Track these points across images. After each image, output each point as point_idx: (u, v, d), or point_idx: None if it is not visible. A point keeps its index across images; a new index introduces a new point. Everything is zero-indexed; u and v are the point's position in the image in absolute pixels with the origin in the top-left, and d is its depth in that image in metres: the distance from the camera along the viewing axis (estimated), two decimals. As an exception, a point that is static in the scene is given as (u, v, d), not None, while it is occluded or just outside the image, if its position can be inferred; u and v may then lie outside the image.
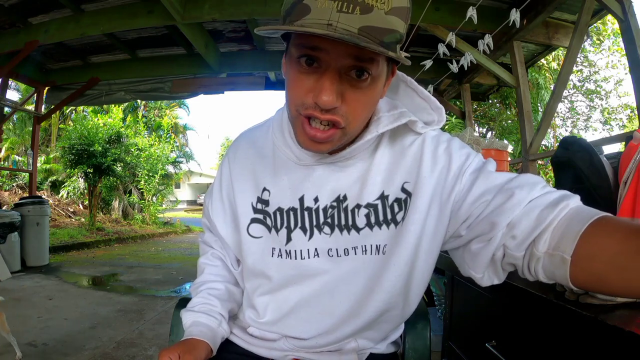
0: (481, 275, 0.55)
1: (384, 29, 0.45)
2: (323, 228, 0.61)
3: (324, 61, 0.48)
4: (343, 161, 0.61)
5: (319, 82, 0.49)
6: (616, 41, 8.21)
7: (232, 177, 0.68)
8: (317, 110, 0.50)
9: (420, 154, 0.59)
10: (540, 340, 0.79)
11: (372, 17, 0.44)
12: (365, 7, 0.44)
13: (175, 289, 3.85)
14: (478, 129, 7.61)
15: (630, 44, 2.23)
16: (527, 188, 0.50)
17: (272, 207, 0.63)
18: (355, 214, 0.60)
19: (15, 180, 9.36)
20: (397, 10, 0.46)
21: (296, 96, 0.51)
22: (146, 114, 14.98)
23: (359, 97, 0.51)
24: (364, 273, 0.60)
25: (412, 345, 0.75)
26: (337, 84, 0.49)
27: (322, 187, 0.61)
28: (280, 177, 0.63)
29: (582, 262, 0.44)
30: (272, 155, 0.65)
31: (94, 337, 2.36)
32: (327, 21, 0.44)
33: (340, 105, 0.50)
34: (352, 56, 0.47)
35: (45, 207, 4.80)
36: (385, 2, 0.45)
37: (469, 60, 2.52)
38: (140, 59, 4.69)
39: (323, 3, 0.44)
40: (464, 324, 1.22)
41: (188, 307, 0.70)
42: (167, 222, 11.45)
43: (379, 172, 0.60)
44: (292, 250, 0.62)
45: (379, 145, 0.61)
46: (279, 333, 0.66)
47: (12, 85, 9.68)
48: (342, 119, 0.51)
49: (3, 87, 5.04)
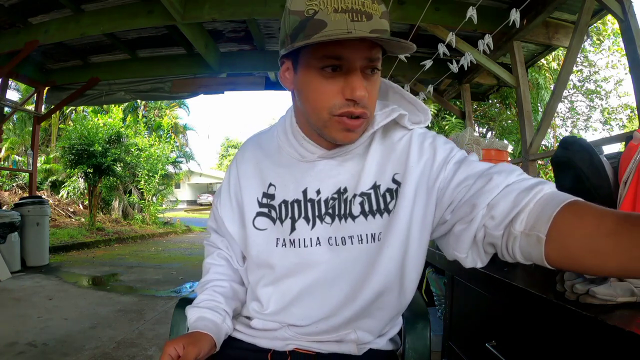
0: (465, 256, 0.59)
1: (382, 29, 0.55)
2: (325, 218, 0.66)
3: (347, 65, 0.57)
4: (342, 156, 0.67)
5: (348, 82, 0.57)
6: (616, 41, 8.21)
7: (240, 175, 0.74)
8: (351, 107, 0.58)
9: (408, 147, 0.66)
10: (540, 340, 0.79)
11: (374, 22, 0.54)
12: (368, 15, 0.54)
13: (175, 289, 3.85)
14: (478, 129, 7.61)
15: (630, 44, 2.23)
16: (504, 174, 0.56)
17: (278, 200, 0.69)
18: (352, 203, 0.65)
19: (15, 180, 9.37)
20: (384, 14, 0.57)
21: (326, 100, 0.59)
22: (146, 114, 14.98)
23: (373, 88, 0.60)
24: (361, 261, 0.64)
25: (412, 345, 0.75)
26: (363, 80, 0.58)
27: (324, 181, 0.67)
28: (284, 173, 0.70)
29: (555, 242, 0.48)
30: (277, 154, 0.72)
31: (94, 337, 2.36)
32: (347, 30, 0.53)
33: (366, 98, 0.58)
34: (367, 58, 0.57)
35: (45, 207, 4.79)
36: (377, 10, 0.55)
37: (469, 60, 2.52)
38: (140, 59, 4.69)
39: (337, 16, 0.53)
40: (464, 324, 1.22)
41: (194, 304, 0.72)
42: (167, 222, 11.44)
43: (372, 165, 0.66)
44: (296, 239, 0.67)
45: (372, 142, 0.68)
46: (280, 322, 0.68)
47: (12, 85, 9.68)
48: (367, 110, 0.60)
49: (3, 87, 5.04)
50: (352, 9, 0.53)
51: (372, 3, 0.55)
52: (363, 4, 0.54)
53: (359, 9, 0.53)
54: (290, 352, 0.69)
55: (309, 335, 0.67)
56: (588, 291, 0.68)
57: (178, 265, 5.25)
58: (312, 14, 0.54)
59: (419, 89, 4.20)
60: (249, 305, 0.73)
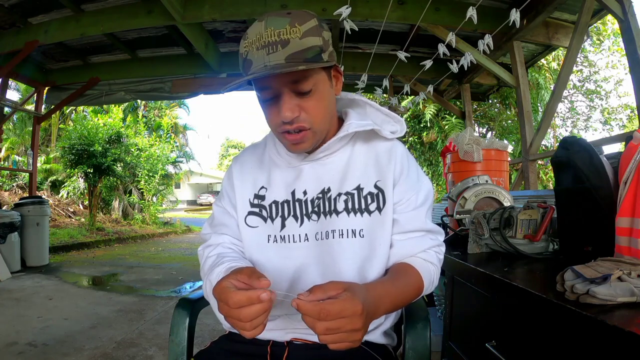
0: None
1: (303, 49, 0.61)
2: (311, 216, 0.74)
3: (274, 92, 0.65)
4: (323, 159, 0.76)
5: (277, 106, 0.66)
6: (616, 41, 8.22)
7: (234, 178, 0.81)
8: (286, 125, 0.67)
9: (392, 161, 0.76)
10: (540, 340, 0.79)
11: (291, 46, 0.61)
12: (284, 42, 0.60)
13: (175, 289, 3.84)
14: (478, 129, 7.61)
15: (630, 44, 2.24)
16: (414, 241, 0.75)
17: (268, 201, 0.77)
18: (337, 201, 0.73)
19: (15, 180, 9.36)
20: (309, 31, 0.62)
21: (270, 122, 0.70)
22: (146, 114, 14.96)
23: (312, 104, 0.67)
24: (346, 254, 0.71)
25: (412, 345, 0.75)
26: (290, 103, 0.65)
27: (309, 182, 0.76)
28: (275, 177, 0.78)
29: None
30: (268, 162, 0.81)
31: (94, 337, 2.36)
32: (263, 64, 0.61)
33: (300, 114, 0.66)
34: (290, 82, 0.64)
35: (45, 207, 4.79)
36: (296, 31, 0.61)
37: (469, 60, 2.52)
38: (140, 59, 4.69)
39: (256, 54, 0.61)
40: (464, 324, 1.22)
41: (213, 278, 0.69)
42: (167, 222, 11.43)
43: (357, 168, 0.76)
44: (286, 235, 0.74)
45: (355, 145, 0.78)
46: (276, 314, 0.73)
47: (12, 85, 9.68)
48: (305, 123, 0.67)
49: (3, 87, 5.04)
50: (268, 43, 0.60)
51: (292, 27, 0.61)
52: (279, 33, 0.60)
53: (274, 40, 0.60)
54: (288, 342, 0.73)
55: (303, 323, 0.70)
56: (588, 291, 0.68)
57: (178, 265, 5.24)
58: (246, 55, 0.63)
59: (419, 89, 4.19)
60: None
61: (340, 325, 0.49)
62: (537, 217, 1.19)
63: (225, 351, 0.76)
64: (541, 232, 1.16)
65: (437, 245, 0.77)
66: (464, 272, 1.15)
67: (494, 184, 1.55)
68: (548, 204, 1.21)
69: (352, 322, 0.50)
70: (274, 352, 0.72)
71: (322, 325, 0.49)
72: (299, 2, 3.26)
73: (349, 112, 0.78)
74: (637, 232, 0.83)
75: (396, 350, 0.82)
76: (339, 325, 0.49)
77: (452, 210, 1.57)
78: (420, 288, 0.71)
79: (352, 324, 0.50)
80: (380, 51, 4.05)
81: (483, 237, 1.24)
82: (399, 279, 0.69)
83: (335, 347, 0.51)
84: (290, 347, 0.72)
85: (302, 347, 0.73)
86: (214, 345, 0.79)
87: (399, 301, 0.67)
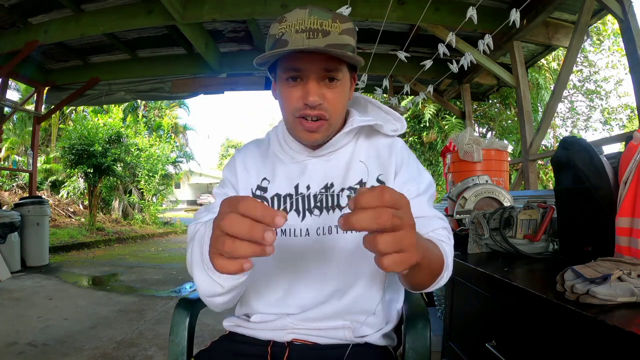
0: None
1: (340, 44, 0.65)
2: (314, 211, 0.74)
3: (304, 75, 0.67)
4: (327, 154, 0.77)
5: (305, 89, 0.68)
6: (616, 41, 8.22)
7: (237, 168, 0.81)
8: (307, 109, 0.68)
9: (393, 155, 0.77)
10: (540, 340, 0.79)
11: (330, 38, 0.64)
12: (325, 32, 0.64)
13: (175, 289, 3.84)
14: (478, 129, 7.61)
15: (630, 44, 2.24)
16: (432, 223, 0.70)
17: (271, 193, 0.77)
18: (340, 196, 0.74)
19: (15, 180, 9.35)
20: (346, 30, 0.67)
21: (290, 104, 0.70)
22: (146, 114, 14.95)
23: (334, 95, 0.70)
24: (348, 250, 0.71)
25: (412, 345, 0.75)
26: (317, 88, 0.67)
27: (313, 177, 0.76)
28: (279, 171, 0.79)
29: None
30: (272, 155, 0.81)
31: (94, 337, 2.36)
32: (302, 46, 0.63)
33: (323, 103, 0.68)
34: (322, 69, 0.67)
35: (45, 207, 4.79)
36: (337, 27, 0.65)
37: (469, 60, 2.52)
38: (140, 59, 4.69)
39: (294, 36, 0.64)
40: (464, 324, 1.22)
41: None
42: (167, 222, 11.42)
43: (359, 163, 0.76)
44: (287, 229, 0.74)
45: (357, 142, 0.79)
46: (277, 313, 0.73)
47: (12, 85, 9.66)
48: (326, 113, 0.70)
49: (3, 87, 5.04)
50: (309, 29, 0.64)
51: (333, 22, 0.65)
52: (321, 23, 0.64)
53: (316, 28, 0.64)
54: (288, 343, 0.72)
55: (305, 321, 0.72)
56: (588, 291, 0.68)
57: (178, 265, 5.24)
58: (281, 36, 0.65)
59: (419, 89, 4.20)
60: (247, 302, 0.77)
61: (402, 216, 0.40)
62: (537, 217, 1.19)
63: (225, 351, 0.76)
64: (541, 232, 1.16)
65: (447, 228, 0.70)
66: (464, 272, 1.15)
67: (494, 184, 1.55)
68: (548, 204, 1.21)
69: (409, 216, 0.42)
70: (274, 353, 0.72)
71: (387, 213, 0.38)
72: (299, 2, 3.26)
73: (351, 110, 0.80)
74: (637, 232, 0.83)
75: (396, 350, 0.82)
76: (401, 215, 0.40)
77: (452, 210, 1.58)
78: (441, 258, 0.62)
79: (409, 217, 0.42)
80: (380, 51, 4.05)
81: (483, 237, 1.24)
82: (424, 239, 0.59)
83: (391, 260, 0.40)
84: (290, 348, 0.72)
85: (302, 347, 0.72)
86: (214, 345, 0.79)
87: (430, 255, 0.57)
